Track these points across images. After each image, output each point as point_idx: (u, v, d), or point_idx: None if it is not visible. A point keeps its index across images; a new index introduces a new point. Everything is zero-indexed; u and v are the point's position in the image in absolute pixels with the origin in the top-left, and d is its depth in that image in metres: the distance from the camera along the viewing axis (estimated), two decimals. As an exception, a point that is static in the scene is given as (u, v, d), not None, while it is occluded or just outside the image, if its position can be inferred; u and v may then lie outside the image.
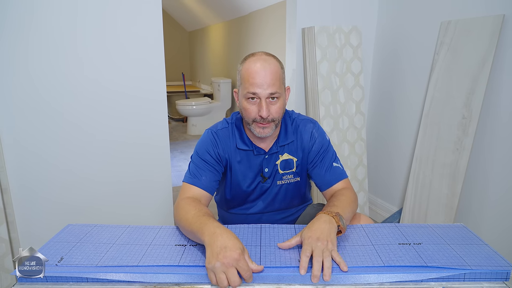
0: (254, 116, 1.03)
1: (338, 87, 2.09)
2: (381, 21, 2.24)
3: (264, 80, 0.99)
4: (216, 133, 1.13)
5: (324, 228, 0.83)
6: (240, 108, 1.08)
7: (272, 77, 1.00)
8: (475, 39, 1.61)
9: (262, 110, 1.00)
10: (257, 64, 1.01)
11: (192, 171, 1.08)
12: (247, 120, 1.05)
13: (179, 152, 4.06)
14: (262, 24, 3.97)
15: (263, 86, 0.99)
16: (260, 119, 1.02)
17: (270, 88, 1.00)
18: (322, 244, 0.78)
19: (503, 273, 0.76)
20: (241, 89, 1.05)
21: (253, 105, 1.02)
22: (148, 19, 1.71)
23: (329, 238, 0.80)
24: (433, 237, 0.90)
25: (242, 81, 1.04)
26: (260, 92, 1.00)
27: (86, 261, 0.81)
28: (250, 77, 1.00)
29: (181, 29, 7.04)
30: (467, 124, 1.64)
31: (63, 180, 1.72)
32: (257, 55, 1.04)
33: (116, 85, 1.72)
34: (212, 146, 1.11)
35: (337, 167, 1.13)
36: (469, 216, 1.74)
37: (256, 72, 1.00)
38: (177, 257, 0.82)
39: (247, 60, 1.04)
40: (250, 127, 1.06)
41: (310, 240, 0.80)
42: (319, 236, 0.80)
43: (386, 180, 2.33)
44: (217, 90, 5.05)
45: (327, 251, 0.78)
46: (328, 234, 0.81)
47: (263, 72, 0.99)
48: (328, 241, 0.79)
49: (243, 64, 1.05)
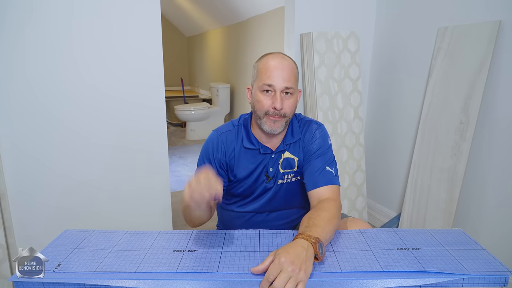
0: (267, 109, 1.05)
1: (336, 92, 2.10)
2: (379, 27, 2.26)
3: (281, 74, 1.04)
4: (221, 135, 1.15)
5: (300, 255, 0.76)
6: (253, 103, 1.11)
7: (289, 73, 1.05)
8: (472, 44, 1.62)
9: (276, 102, 1.04)
10: (276, 59, 1.06)
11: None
12: (259, 113, 1.08)
13: (177, 157, 4.06)
14: (260, 29, 3.99)
15: (279, 79, 1.04)
16: (273, 112, 1.05)
17: (286, 82, 1.04)
18: (293, 271, 0.73)
19: (501, 278, 0.76)
20: (256, 82, 1.09)
21: (267, 97, 1.06)
22: (147, 25, 1.71)
23: (303, 267, 0.74)
24: (431, 242, 0.90)
25: (258, 74, 1.08)
26: (276, 84, 1.04)
27: (84, 267, 0.81)
28: (268, 70, 1.05)
29: (180, 35, 7.07)
30: (464, 129, 1.65)
31: (61, 185, 1.71)
32: (274, 53, 1.10)
33: (115, 91, 1.72)
34: (216, 151, 1.13)
35: (329, 172, 1.10)
36: (467, 221, 1.74)
37: (273, 66, 1.05)
38: (175, 263, 0.82)
39: (265, 57, 1.09)
40: (261, 121, 1.08)
41: (283, 260, 0.74)
42: (293, 260, 0.74)
43: (384, 185, 2.33)
44: (216, 95, 5.06)
45: (294, 280, 0.72)
46: (304, 261, 0.75)
47: (281, 66, 1.05)
48: (301, 269, 0.73)
49: (260, 60, 1.10)
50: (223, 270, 0.79)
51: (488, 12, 1.58)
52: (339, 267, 0.80)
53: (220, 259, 0.84)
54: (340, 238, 0.94)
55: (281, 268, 0.73)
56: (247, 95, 1.15)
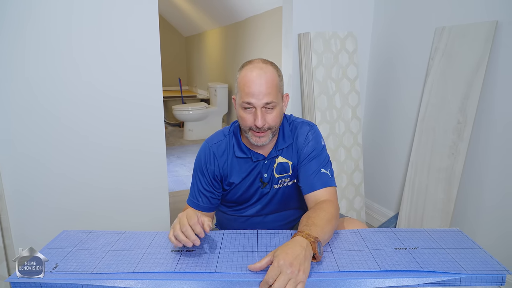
0: (250, 125, 1.03)
1: (334, 92, 2.10)
2: (376, 27, 2.26)
3: (259, 90, 0.99)
4: (212, 147, 1.14)
5: (299, 255, 0.76)
6: (237, 117, 1.09)
7: (268, 85, 1.00)
8: (470, 44, 1.62)
9: (257, 120, 1.01)
10: (253, 73, 1.00)
11: (192, 192, 1.16)
12: (244, 128, 1.06)
13: (175, 157, 4.05)
14: (258, 29, 3.99)
15: (258, 96, 0.99)
16: (256, 128, 1.03)
17: (265, 97, 1.00)
18: (292, 273, 0.72)
19: (498, 277, 0.76)
20: (237, 96, 1.05)
21: (249, 114, 1.03)
22: (145, 24, 1.71)
23: (302, 267, 0.74)
24: (429, 241, 0.90)
25: (238, 90, 1.04)
26: (255, 102, 1.00)
27: (81, 267, 0.81)
28: (245, 86, 1.00)
29: (178, 34, 7.06)
30: (462, 129, 1.66)
31: (58, 185, 1.71)
32: (254, 62, 1.04)
33: (113, 90, 1.72)
34: (207, 164, 1.14)
35: (324, 173, 1.09)
36: (465, 220, 1.74)
37: (251, 81, 0.99)
38: (173, 263, 0.82)
39: (244, 68, 1.04)
40: (247, 135, 1.07)
41: (282, 263, 0.73)
42: (292, 261, 0.74)
43: (382, 185, 2.33)
44: (214, 95, 5.06)
45: (294, 282, 0.72)
46: (302, 261, 0.75)
47: (258, 81, 0.99)
48: (300, 271, 0.73)
49: (240, 72, 1.05)
50: (221, 270, 0.79)
51: (485, 12, 1.59)
52: (337, 267, 0.80)
53: (218, 259, 0.84)
54: (338, 237, 0.94)
55: (280, 270, 0.73)
56: (234, 105, 1.12)
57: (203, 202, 1.15)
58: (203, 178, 1.14)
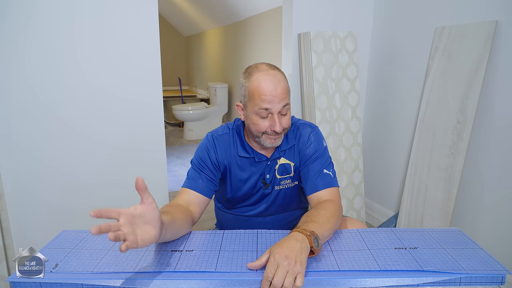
0: (265, 130, 1.04)
1: (334, 92, 2.10)
2: (376, 27, 2.26)
3: (276, 95, 1.01)
4: (217, 138, 1.14)
5: (294, 247, 0.77)
6: (248, 123, 1.08)
7: (282, 90, 1.02)
8: (469, 44, 1.62)
9: (275, 125, 1.02)
10: (267, 81, 1.01)
11: (190, 175, 1.11)
12: (256, 133, 1.06)
13: (175, 157, 4.05)
14: (258, 29, 3.99)
15: (275, 101, 1.01)
16: (272, 132, 1.04)
17: (282, 101, 1.02)
18: (289, 265, 0.73)
19: (498, 277, 0.76)
20: (250, 104, 1.04)
21: (264, 119, 1.03)
22: (145, 24, 1.72)
23: (298, 259, 0.75)
24: (428, 241, 0.90)
25: (251, 97, 1.03)
26: (272, 108, 1.01)
27: (82, 267, 0.81)
28: (261, 93, 1.01)
29: (178, 34, 7.07)
30: (461, 129, 1.66)
31: (58, 183, 1.71)
32: (262, 69, 1.04)
33: (113, 88, 1.72)
34: (210, 151, 1.12)
35: (327, 174, 1.10)
36: (465, 220, 1.74)
37: (267, 89, 1.01)
38: (173, 262, 0.82)
39: (254, 75, 1.03)
40: (260, 139, 1.07)
41: (277, 257, 0.74)
42: (287, 254, 0.75)
43: (382, 184, 2.33)
44: (214, 95, 5.06)
45: (292, 273, 0.73)
46: (298, 253, 0.76)
47: (274, 88, 1.01)
48: (296, 262, 0.74)
49: (249, 79, 1.04)
50: (221, 270, 0.79)
51: (485, 12, 1.59)
52: (337, 266, 0.80)
53: (218, 258, 0.84)
54: (338, 237, 0.94)
55: (277, 264, 0.74)
56: (238, 112, 1.12)
57: (202, 181, 1.10)
58: (204, 163, 1.12)
